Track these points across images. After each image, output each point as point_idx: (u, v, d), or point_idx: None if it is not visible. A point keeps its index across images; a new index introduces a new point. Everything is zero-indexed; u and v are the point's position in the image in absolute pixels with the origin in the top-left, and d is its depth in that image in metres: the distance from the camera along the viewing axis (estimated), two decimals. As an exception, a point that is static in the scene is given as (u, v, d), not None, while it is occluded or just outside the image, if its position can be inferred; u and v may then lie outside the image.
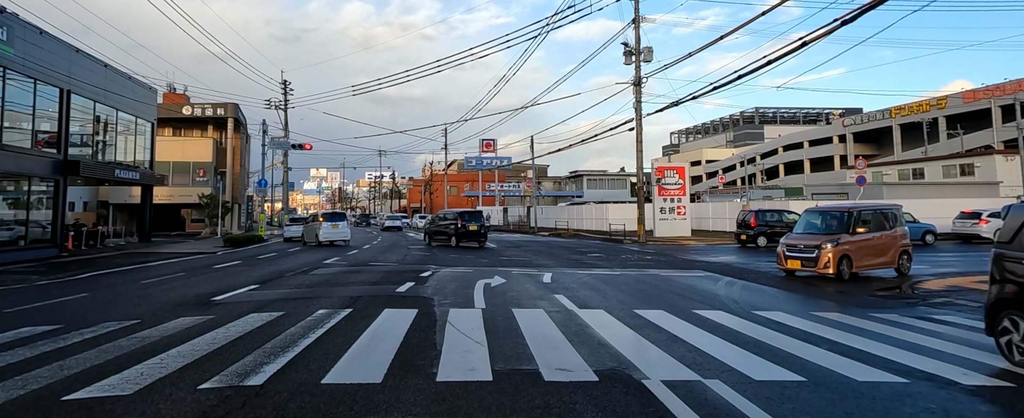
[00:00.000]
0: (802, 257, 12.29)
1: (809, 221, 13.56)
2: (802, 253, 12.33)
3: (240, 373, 4.98)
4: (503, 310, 8.34)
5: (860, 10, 12.53)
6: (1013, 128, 37.29)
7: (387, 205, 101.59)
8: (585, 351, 5.83)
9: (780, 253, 12.99)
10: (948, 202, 28.61)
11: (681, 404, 4.21)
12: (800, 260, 12.30)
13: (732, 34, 20.45)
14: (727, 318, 7.84)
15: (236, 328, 6.98)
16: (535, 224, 45.52)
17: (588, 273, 13.83)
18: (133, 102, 27.05)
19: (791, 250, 12.66)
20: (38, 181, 20.37)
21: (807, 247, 12.29)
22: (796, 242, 12.71)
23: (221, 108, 41.62)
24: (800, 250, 12.40)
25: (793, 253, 12.57)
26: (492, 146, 67.70)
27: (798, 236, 13.09)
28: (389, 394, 4.42)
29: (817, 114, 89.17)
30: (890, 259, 12.89)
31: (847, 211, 12.70)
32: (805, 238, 12.69)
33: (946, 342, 6.43)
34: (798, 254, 12.41)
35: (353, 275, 13.27)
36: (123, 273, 14.38)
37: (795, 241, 12.78)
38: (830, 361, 5.50)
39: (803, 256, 12.27)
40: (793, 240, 12.91)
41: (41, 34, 19.91)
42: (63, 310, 8.57)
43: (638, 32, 27.75)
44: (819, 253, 11.97)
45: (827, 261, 11.83)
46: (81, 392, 4.46)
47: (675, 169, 31.29)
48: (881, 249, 12.72)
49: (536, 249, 23.26)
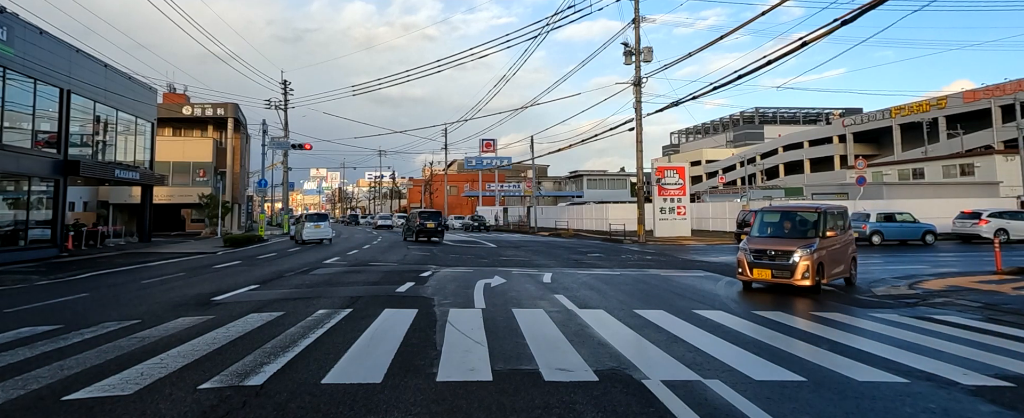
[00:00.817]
0: (774, 266, 10.36)
1: (768, 222, 11.68)
2: (774, 261, 10.37)
3: (240, 373, 4.98)
4: (503, 310, 8.34)
5: (860, 10, 12.53)
6: (1013, 128, 37.28)
7: (387, 205, 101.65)
8: (585, 351, 5.83)
9: (742, 260, 10.79)
10: (948, 202, 28.62)
11: (681, 404, 4.21)
12: (771, 269, 10.37)
13: (732, 34, 20.46)
14: (727, 318, 7.84)
15: (236, 328, 6.98)
16: (535, 224, 45.51)
17: (588, 273, 13.83)
18: (133, 102, 27.06)
19: (759, 257, 10.58)
20: (38, 181, 20.37)
21: (779, 253, 10.38)
22: (764, 247, 10.65)
23: (221, 108, 41.62)
24: (770, 258, 10.45)
25: (762, 261, 10.52)
26: (492, 146, 67.70)
27: (763, 240, 11.04)
28: (389, 394, 4.42)
29: (817, 114, 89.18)
30: (846, 268, 11.47)
31: (818, 211, 11.03)
32: (773, 243, 10.76)
33: (946, 342, 6.43)
34: (768, 262, 10.44)
35: (353, 275, 13.27)
36: (123, 273, 14.38)
37: (762, 246, 10.72)
38: (830, 361, 5.50)
39: (775, 264, 10.34)
40: (759, 244, 10.82)
41: (41, 34, 19.91)
42: (63, 310, 8.57)
43: (638, 32, 27.76)
44: (796, 261, 10.09)
45: (806, 270, 10.01)
46: (81, 392, 4.46)
47: (675, 169, 31.30)
48: (841, 256, 11.27)
49: (536, 249, 23.26)
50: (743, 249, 11.00)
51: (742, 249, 11.02)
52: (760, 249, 10.68)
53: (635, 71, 28.06)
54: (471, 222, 50.03)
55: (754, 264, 10.65)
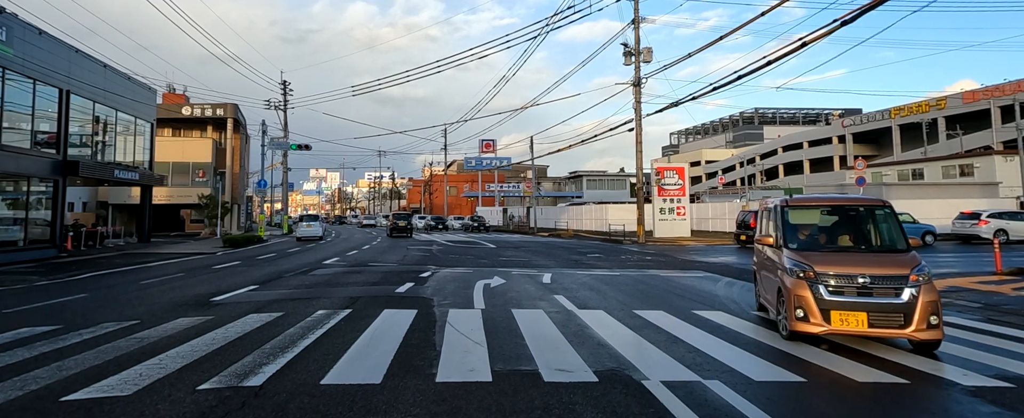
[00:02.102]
0: (871, 307, 5.85)
1: (820, 227, 7.40)
2: (871, 298, 5.90)
3: (239, 374, 4.97)
4: (503, 311, 8.33)
5: (860, 10, 12.53)
6: (1012, 129, 37.30)
7: (387, 205, 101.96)
8: (585, 352, 5.83)
9: (802, 297, 6.06)
10: (947, 203, 28.62)
11: (681, 405, 4.20)
12: (867, 312, 5.83)
13: (732, 34, 20.47)
14: (727, 319, 7.83)
15: (235, 329, 6.97)
16: (535, 224, 45.51)
17: (587, 273, 13.82)
18: (132, 102, 27.03)
19: (840, 289, 5.98)
20: (37, 181, 20.35)
21: (878, 282, 5.95)
22: (848, 270, 6.07)
23: (220, 108, 41.59)
24: (863, 290, 5.94)
25: (847, 297, 5.94)
26: (492, 147, 67.69)
27: (833, 256, 6.41)
28: (388, 395, 4.41)
29: (817, 115, 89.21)
30: None
31: (888, 206, 7.16)
32: (855, 262, 6.24)
33: (946, 342, 6.42)
34: (862, 300, 5.90)
35: (353, 276, 13.26)
36: (122, 273, 14.37)
37: (843, 267, 6.11)
38: (830, 361, 5.49)
39: (873, 304, 5.87)
40: (832, 264, 6.18)
41: (40, 34, 19.89)
42: (62, 311, 8.56)
43: (637, 33, 27.77)
44: (911, 298, 5.81)
45: (929, 313, 5.76)
46: (80, 393, 4.45)
47: (675, 169, 31.30)
48: None
49: (535, 249, 23.26)
50: (794, 272, 6.25)
51: (792, 272, 6.27)
52: (843, 274, 6.03)
53: (635, 72, 28.06)
54: (471, 223, 50.03)
55: (834, 304, 5.90)
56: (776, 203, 7.47)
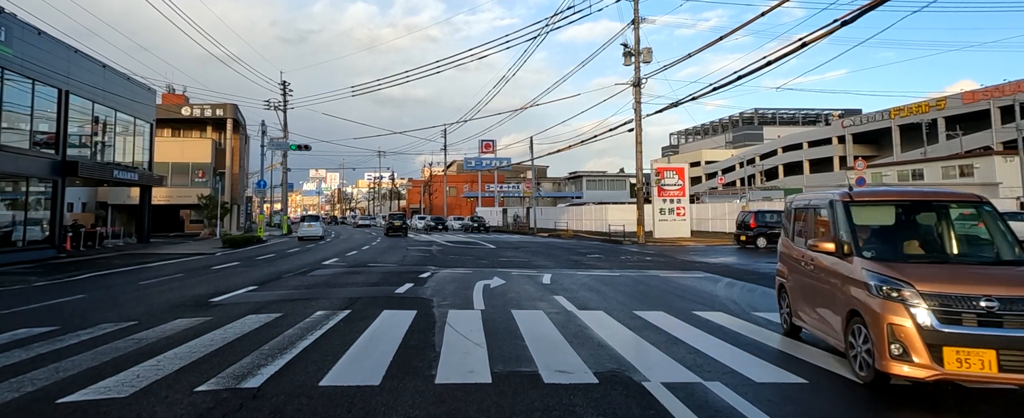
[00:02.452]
0: (1004, 341, 4.17)
1: (898, 228, 5.75)
2: (1000, 329, 4.23)
3: (237, 375, 4.94)
4: (502, 311, 8.31)
5: (860, 10, 12.52)
6: (1012, 129, 37.28)
7: (386, 206, 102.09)
8: (585, 353, 5.80)
9: (905, 333, 4.34)
10: (947, 203, 28.54)
11: (681, 406, 4.17)
12: (996, 347, 4.17)
13: (732, 35, 20.47)
14: (727, 319, 7.81)
15: (234, 330, 6.95)
16: (534, 225, 45.51)
17: (587, 274, 13.80)
18: (132, 103, 27.01)
19: (954, 314, 4.32)
20: (36, 182, 20.32)
21: (1011, 307, 4.27)
22: (967, 290, 4.38)
23: (220, 109, 41.58)
24: (989, 317, 4.26)
25: (967, 326, 4.28)
26: (491, 147, 67.69)
27: (924, 268, 4.83)
28: (387, 396, 4.38)
29: (816, 115, 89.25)
30: None
31: (985, 202, 5.69)
32: (963, 278, 4.65)
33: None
34: (990, 332, 4.22)
35: (352, 276, 13.24)
36: (121, 274, 14.34)
37: (958, 287, 4.42)
38: (831, 362, 5.47)
39: (1006, 338, 4.19)
40: (934, 280, 4.53)
41: (40, 35, 19.86)
42: (60, 311, 8.53)
43: (637, 33, 27.77)
44: None
45: None
46: (77, 394, 4.42)
47: (674, 170, 31.30)
48: None
49: (535, 250, 23.24)
50: (881, 290, 4.62)
51: (877, 291, 4.63)
52: (958, 295, 4.39)
53: (635, 72, 28.06)
54: (471, 223, 50.01)
55: (949, 337, 4.27)
56: (834, 197, 5.71)
